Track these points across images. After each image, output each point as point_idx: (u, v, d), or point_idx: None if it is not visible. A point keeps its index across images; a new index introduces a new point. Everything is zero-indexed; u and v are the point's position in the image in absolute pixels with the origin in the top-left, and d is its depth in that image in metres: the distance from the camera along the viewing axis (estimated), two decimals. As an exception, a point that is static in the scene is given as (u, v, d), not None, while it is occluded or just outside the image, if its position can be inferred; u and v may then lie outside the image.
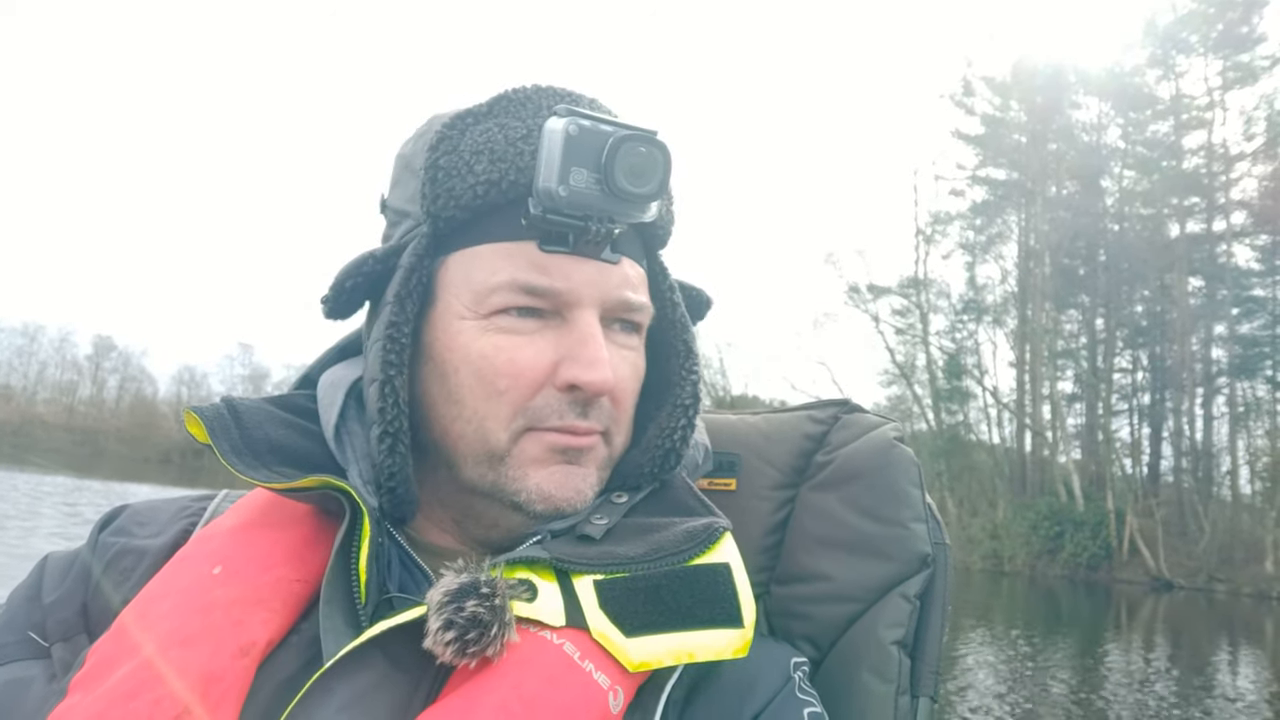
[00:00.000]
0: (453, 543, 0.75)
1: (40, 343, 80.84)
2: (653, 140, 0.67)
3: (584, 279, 0.69)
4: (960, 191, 39.36)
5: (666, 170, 0.67)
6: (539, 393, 0.69)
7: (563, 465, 0.71)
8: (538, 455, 0.70)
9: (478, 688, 0.59)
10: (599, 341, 0.69)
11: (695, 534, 0.69)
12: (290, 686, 0.62)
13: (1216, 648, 16.04)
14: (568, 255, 0.69)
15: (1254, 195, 32.86)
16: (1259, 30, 32.37)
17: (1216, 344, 33.65)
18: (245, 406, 0.76)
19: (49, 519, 16.28)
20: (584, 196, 0.66)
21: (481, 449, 0.70)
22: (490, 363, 0.69)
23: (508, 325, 0.69)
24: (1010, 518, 32.71)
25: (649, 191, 0.67)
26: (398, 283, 0.71)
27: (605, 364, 0.68)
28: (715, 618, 0.64)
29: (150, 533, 0.79)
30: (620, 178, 0.66)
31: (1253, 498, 31.07)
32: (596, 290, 0.70)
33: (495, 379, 0.69)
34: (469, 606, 0.59)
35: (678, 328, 0.80)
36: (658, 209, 0.71)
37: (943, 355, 38.91)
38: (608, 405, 0.72)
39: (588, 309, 0.70)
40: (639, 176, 0.66)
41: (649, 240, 0.78)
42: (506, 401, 0.69)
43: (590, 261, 0.70)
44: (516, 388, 0.69)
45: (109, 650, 0.64)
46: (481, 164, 0.70)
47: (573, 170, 0.65)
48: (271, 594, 0.67)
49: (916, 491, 0.81)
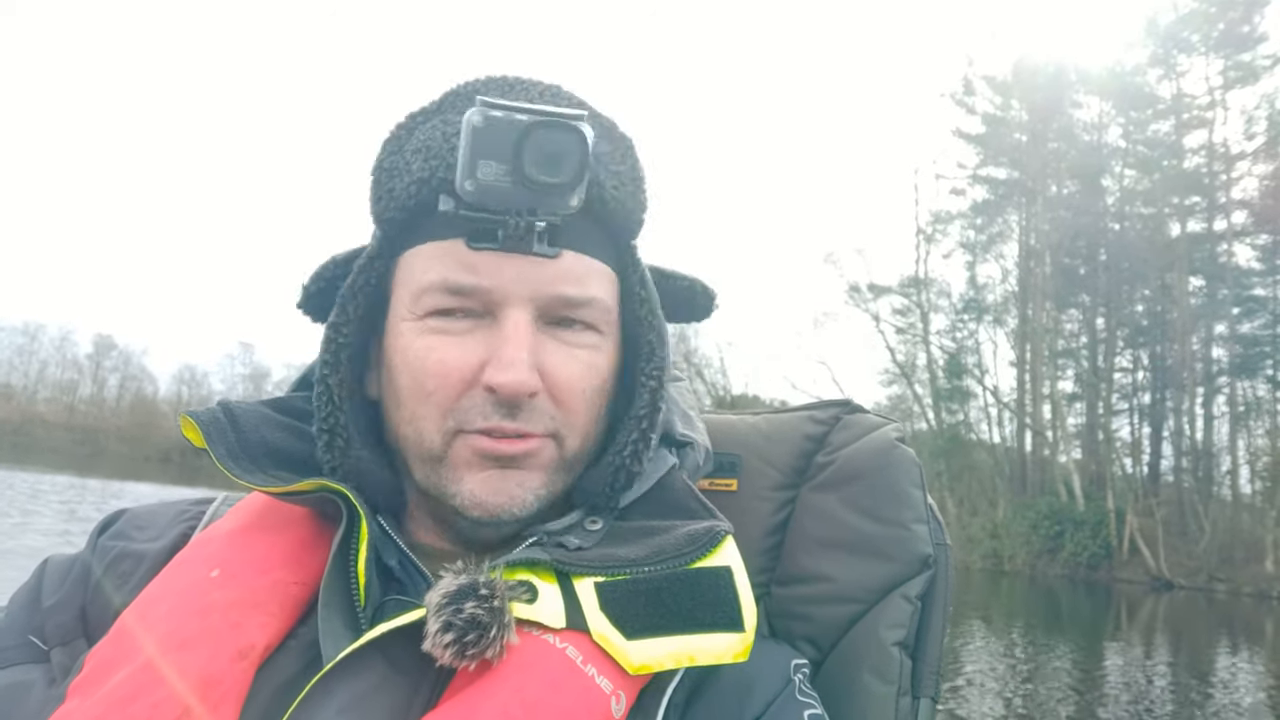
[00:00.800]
0: (445, 544, 0.75)
1: (41, 341, 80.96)
2: (566, 125, 0.64)
3: (512, 275, 0.67)
4: (961, 190, 39.43)
5: (583, 157, 0.64)
6: (465, 394, 0.68)
7: (495, 470, 0.69)
8: (469, 459, 0.69)
9: (479, 692, 0.59)
10: (518, 341, 0.67)
11: (697, 537, 0.68)
12: (290, 689, 0.62)
13: (1217, 647, 16.04)
14: (496, 252, 0.67)
15: (1255, 195, 32.89)
16: (1260, 29, 32.40)
17: (1217, 343, 33.69)
18: (242, 410, 0.75)
19: (47, 518, 16.30)
20: (493, 190, 0.64)
21: (421, 450, 0.70)
22: (421, 363, 0.68)
23: (439, 326, 0.68)
24: (1010, 517, 32.72)
25: (564, 180, 0.64)
26: (345, 284, 0.72)
27: (520, 365, 0.66)
28: (717, 621, 0.64)
29: (149, 536, 0.78)
30: (530, 167, 0.63)
31: (1253, 497, 31.08)
32: (526, 287, 0.67)
33: (425, 380, 0.68)
34: (467, 608, 0.59)
35: (643, 327, 0.75)
36: (584, 197, 0.66)
37: (943, 354, 38.97)
38: (546, 406, 0.69)
39: (516, 307, 0.68)
40: (552, 165, 0.64)
41: (615, 231, 0.74)
42: (435, 403, 0.68)
43: (521, 257, 0.67)
44: (443, 389, 0.68)
45: (107, 654, 0.64)
46: (418, 162, 0.69)
47: (480, 163, 0.63)
48: (269, 597, 0.67)
49: (918, 492, 0.81)
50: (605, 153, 0.72)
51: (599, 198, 0.70)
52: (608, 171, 0.71)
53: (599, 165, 0.70)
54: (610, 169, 0.71)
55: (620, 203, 0.72)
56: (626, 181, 0.73)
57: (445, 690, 0.61)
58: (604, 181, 0.70)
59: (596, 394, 0.72)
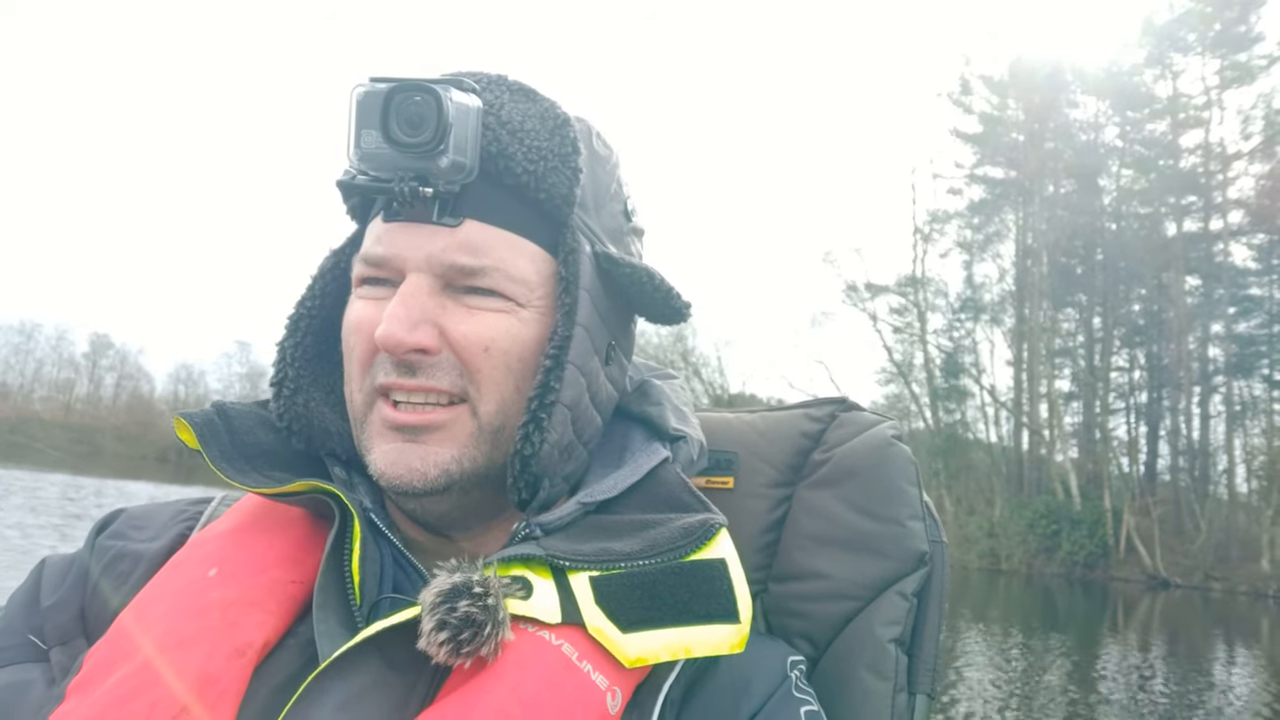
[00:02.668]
0: (426, 538, 0.75)
1: (37, 340, 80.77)
2: (424, 88, 0.67)
3: (407, 243, 0.70)
4: (958, 190, 39.46)
5: (440, 116, 0.66)
6: (377, 352, 0.70)
7: (400, 443, 0.69)
8: (379, 428, 0.71)
9: (475, 689, 0.59)
10: (401, 299, 0.68)
11: (691, 530, 0.69)
12: (288, 688, 0.62)
13: (1212, 646, 16.08)
14: (403, 224, 0.70)
15: (1251, 194, 32.96)
16: (1256, 29, 32.47)
17: (1213, 343, 33.77)
18: (236, 411, 0.76)
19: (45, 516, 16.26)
20: (374, 156, 0.68)
21: (352, 414, 0.74)
22: (349, 326, 0.73)
23: (364, 293, 0.73)
24: (1007, 516, 32.76)
25: (425, 139, 0.66)
26: (318, 266, 0.78)
27: (398, 319, 0.67)
28: (712, 613, 0.64)
29: (147, 536, 0.79)
30: (395, 128, 0.67)
31: (1249, 496, 31.16)
32: (420, 254, 0.69)
33: (348, 338, 0.73)
34: (462, 607, 0.59)
35: (556, 304, 0.73)
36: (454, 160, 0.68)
37: (940, 354, 39.00)
38: (451, 364, 0.69)
39: (414, 273, 0.70)
40: (413, 126, 0.67)
41: (539, 206, 0.72)
42: (356, 359, 0.72)
43: (423, 226, 0.70)
44: (359, 347, 0.71)
45: (106, 653, 0.64)
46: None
47: (363, 133, 0.67)
48: (266, 595, 0.67)
49: (914, 490, 0.81)
50: (526, 128, 0.71)
51: (508, 169, 0.70)
52: (521, 145, 0.71)
53: (511, 138, 0.70)
54: (527, 143, 0.71)
55: (536, 176, 0.71)
56: (547, 155, 0.72)
57: (442, 687, 0.61)
58: (513, 153, 0.70)
59: (508, 358, 0.70)
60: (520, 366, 0.71)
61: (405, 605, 0.63)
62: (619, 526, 0.72)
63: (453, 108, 0.67)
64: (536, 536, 0.70)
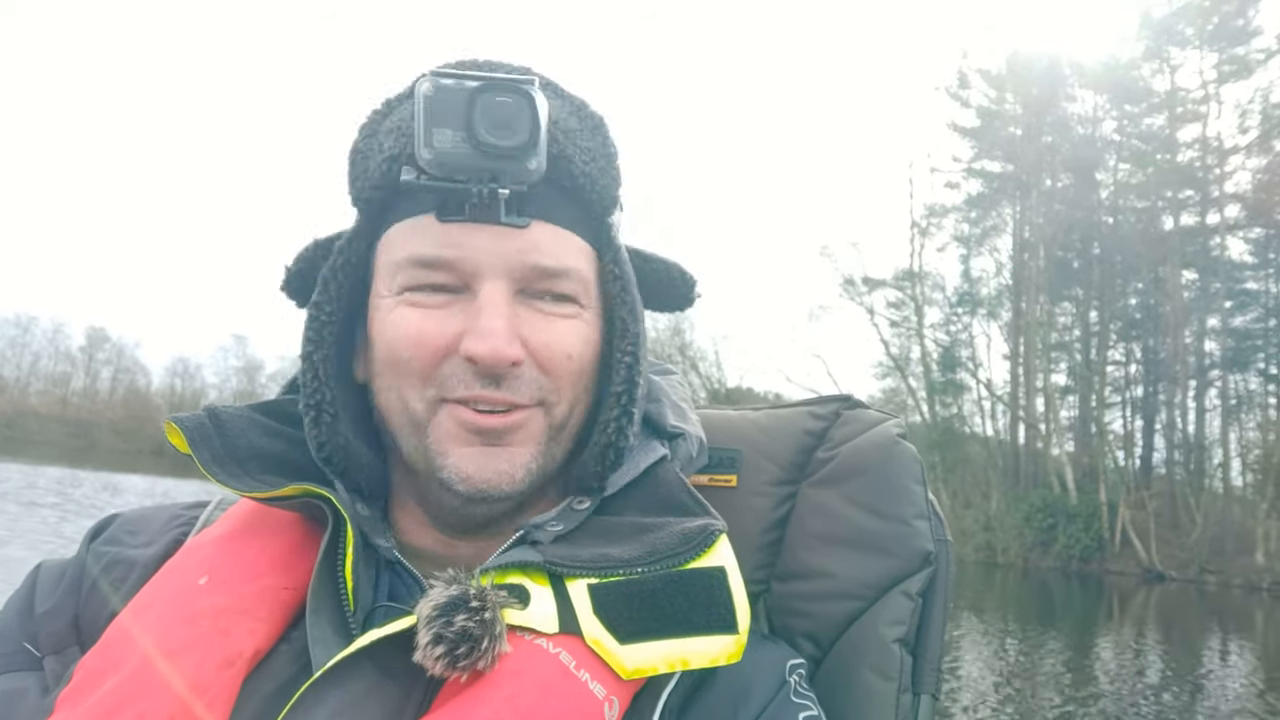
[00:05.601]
0: (434, 541, 0.74)
1: (33, 334, 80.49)
2: (515, 88, 0.64)
3: (481, 246, 0.67)
4: (955, 184, 39.36)
5: (534, 118, 0.64)
6: (444, 362, 0.67)
7: (482, 446, 0.68)
8: (453, 431, 0.68)
9: (471, 698, 0.58)
10: (493, 310, 0.66)
11: (691, 536, 0.67)
12: (281, 695, 0.61)
13: (1207, 638, 16.14)
14: (466, 224, 0.67)
15: (1248, 188, 32.95)
16: (1254, 23, 32.38)
17: (1209, 337, 33.75)
18: (228, 415, 0.75)
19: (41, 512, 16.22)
20: (452, 157, 0.64)
21: (405, 418, 0.69)
22: (398, 332, 0.68)
23: (416, 300, 0.68)
24: (1004, 510, 32.83)
25: (518, 143, 0.64)
26: (326, 265, 0.72)
27: (496, 334, 0.65)
28: (710, 623, 0.64)
29: (141, 542, 0.77)
30: (483, 131, 0.63)
31: (1244, 490, 31.23)
32: (498, 258, 0.67)
33: (400, 349, 0.68)
34: (458, 621, 0.58)
35: (617, 303, 0.74)
36: (544, 165, 0.66)
37: (937, 348, 38.96)
38: (533, 375, 0.69)
39: (491, 279, 0.67)
40: (504, 128, 0.64)
41: (588, 206, 0.72)
42: (414, 370, 0.68)
43: (491, 228, 0.67)
44: (419, 357, 0.67)
45: (97, 663, 0.63)
46: (389, 142, 0.69)
47: (435, 131, 0.63)
48: (258, 603, 0.66)
49: (919, 488, 0.81)
50: (573, 129, 0.71)
51: (567, 171, 0.69)
52: (576, 146, 0.70)
53: (566, 140, 0.69)
54: (579, 144, 0.70)
55: (590, 178, 0.71)
56: (597, 157, 0.72)
57: (437, 696, 0.61)
58: (572, 155, 0.69)
59: (583, 362, 0.72)
60: (590, 368, 0.73)
61: (400, 613, 0.62)
62: (617, 530, 0.71)
63: (542, 111, 0.64)
64: (535, 540, 0.69)
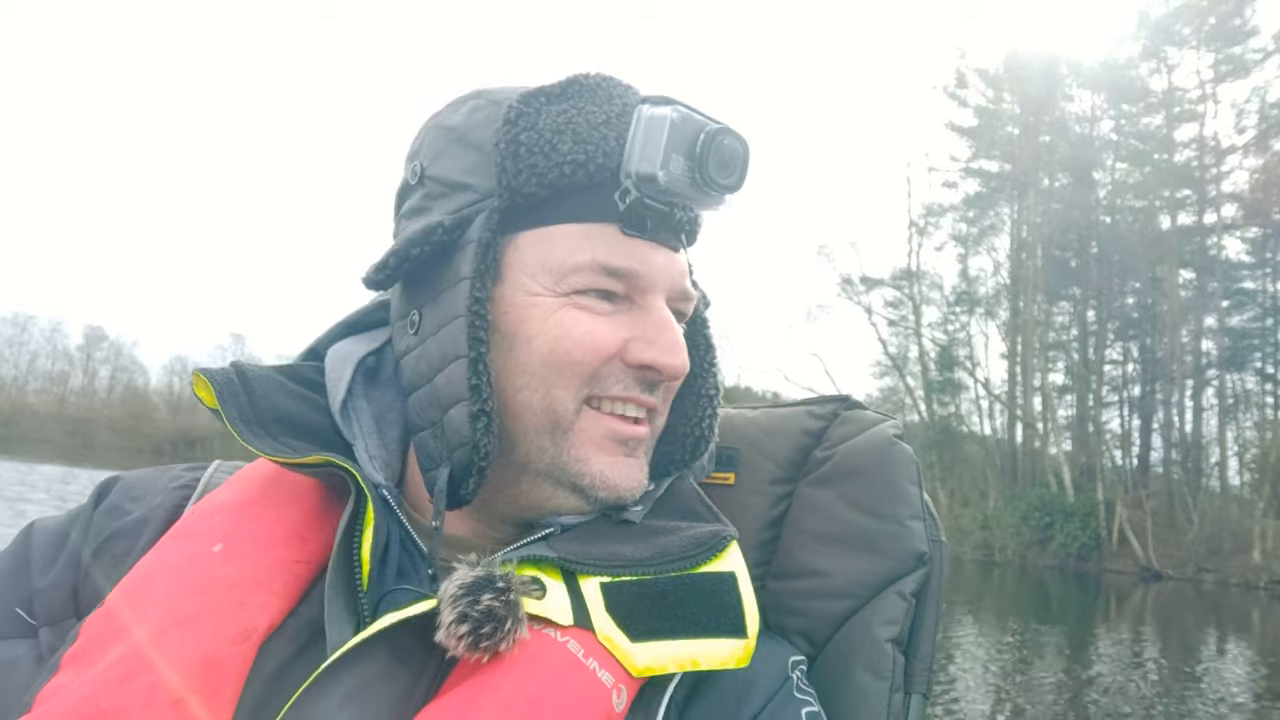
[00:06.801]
0: (460, 524, 0.75)
1: (31, 333, 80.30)
2: (740, 137, 0.70)
3: (659, 265, 0.72)
4: (953, 183, 39.42)
5: (747, 165, 0.70)
6: (607, 365, 0.71)
7: (624, 457, 0.72)
8: (598, 439, 0.71)
9: (482, 684, 0.59)
10: (673, 325, 0.72)
11: (702, 540, 0.69)
12: (284, 672, 0.61)
13: (1204, 637, 16.17)
14: (645, 241, 0.71)
15: (1245, 188, 33.00)
16: (1251, 23, 32.43)
17: (1206, 336, 33.82)
18: (255, 374, 0.75)
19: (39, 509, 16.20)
20: (678, 183, 0.68)
21: (546, 419, 0.70)
22: (569, 334, 0.69)
23: (585, 304, 0.70)
24: (1001, 508, 32.86)
25: (732, 183, 0.70)
26: (474, 258, 0.69)
27: (684, 348, 0.72)
28: (721, 626, 0.65)
29: (144, 507, 0.77)
30: (712, 168, 0.68)
31: (1241, 489, 31.30)
32: (668, 277, 0.73)
33: (571, 350, 0.69)
34: (485, 600, 0.59)
35: (699, 322, 0.82)
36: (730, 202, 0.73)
37: (935, 347, 39.02)
38: (669, 385, 0.75)
39: (658, 294, 0.72)
40: (726, 168, 0.69)
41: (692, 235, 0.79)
42: (577, 373, 0.70)
43: (662, 248, 0.72)
44: (589, 361, 0.70)
45: (102, 626, 0.62)
46: (566, 144, 0.70)
47: (673, 157, 0.67)
48: (272, 575, 0.66)
49: (915, 489, 0.81)
50: None
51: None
52: None
53: None
54: None
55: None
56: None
57: (445, 682, 0.61)
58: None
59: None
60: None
61: (416, 597, 0.63)
62: (629, 531, 0.72)
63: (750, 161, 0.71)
64: (552, 534, 0.70)
